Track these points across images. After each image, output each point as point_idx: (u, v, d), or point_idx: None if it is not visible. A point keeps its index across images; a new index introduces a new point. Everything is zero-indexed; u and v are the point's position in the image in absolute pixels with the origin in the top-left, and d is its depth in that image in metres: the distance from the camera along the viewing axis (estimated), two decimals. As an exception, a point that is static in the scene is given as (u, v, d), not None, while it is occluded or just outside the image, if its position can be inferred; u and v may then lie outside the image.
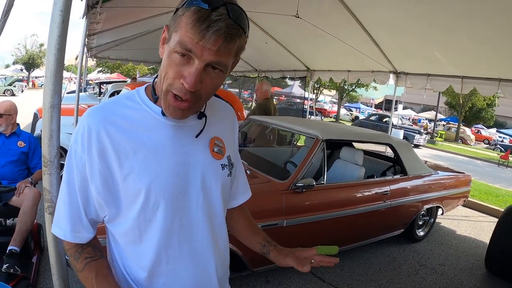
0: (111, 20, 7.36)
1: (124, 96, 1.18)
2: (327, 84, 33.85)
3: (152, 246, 1.13)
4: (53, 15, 1.69)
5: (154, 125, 1.12)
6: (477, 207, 8.27)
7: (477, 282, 4.61)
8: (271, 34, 9.34)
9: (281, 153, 5.82)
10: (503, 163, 19.31)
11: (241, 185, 1.50)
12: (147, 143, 1.09)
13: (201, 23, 0.92)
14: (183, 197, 1.13)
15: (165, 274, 1.17)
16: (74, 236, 1.14)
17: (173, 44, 0.97)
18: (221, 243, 1.29)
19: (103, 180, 1.08)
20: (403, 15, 5.96)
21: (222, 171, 1.23)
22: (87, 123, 1.07)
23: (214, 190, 1.21)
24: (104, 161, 1.07)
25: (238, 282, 3.85)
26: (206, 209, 1.19)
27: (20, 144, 3.88)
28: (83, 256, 1.16)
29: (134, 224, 1.12)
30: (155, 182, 1.08)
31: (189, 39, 0.94)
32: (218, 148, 1.23)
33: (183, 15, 0.95)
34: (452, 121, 38.40)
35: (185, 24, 0.94)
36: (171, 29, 1.00)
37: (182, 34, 0.95)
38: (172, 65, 0.99)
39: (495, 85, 6.45)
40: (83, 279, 1.15)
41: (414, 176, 5.13)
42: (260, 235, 1.51)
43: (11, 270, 3.01)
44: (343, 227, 4.25)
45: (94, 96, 13.44)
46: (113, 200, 1.11)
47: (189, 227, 1.16)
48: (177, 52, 0.97)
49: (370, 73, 8.86)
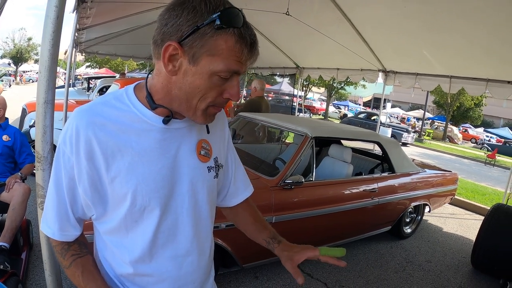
0: (101, 14, 7.31)
1: (112, 96, 1.15)
2: (316, 82, 33.88)
3: (137, 245, 1.15)
4: (48, 10, 1.68)
5: (142, 128, 1.10)
6: (464, 205, 8.35)
7: (463, 278, 4.67)
8: (261, 31, 9.31)
9: (270, 150, 5.83)
10: (490, 162, 19.50)
11: (241, 182, 1.51)
12: (134, 146, 1.08)
13: (245, 44, 0.97)
14: (169, 200, 1.14)
15: (147, 273, 1.19)
16: (62, 234, 1.15)
17: (218, 69, 0.98)
18: (206, 246, 1.29)
19: (91, 182, 1.08)
20: (393, 14, 6.00)
21: (208, 174, 1.23)
22: (75, 124, 1.05)
23: (201, 194, 1.21)
24: (92, 164, 1.06)
25: (227, 278, 3.86)
26: (192, 212, 1.19)
27: (5, 138, 3.84)
28: (69, 253, 1.17)
29: (121, 223, 1.13)
30: (141, 185, 1.08)
31: (237, 63, 0.98)
32: (205, 151, 1.22)
33: (219, 37, 0.95)
34: (439, 120, 38.67)
35: (227, 48, 0.96)
36: (199, 51, 0.97)
37: (227, 57, 0.97)
38: (214, 87, 1.02)
39: (483, 85, 6.53)
40: (70, 276, 1.17)
41: (402, 174, 5.17)
42: (266, 232, 1.49)
43: (1, 267, 2.99)
44: (331, 223, 4.28)
45: (82, 91, 13.35)
46: (101, 200, 1.11)
47: (174, 229, 1.17)
48: (220, 75, 1.00)
49: (359, 71, 8.90)
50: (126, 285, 1.22)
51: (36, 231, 4.15)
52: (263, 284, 3.91)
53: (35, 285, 3.34)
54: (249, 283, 3.88)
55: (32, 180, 2.41)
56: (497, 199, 9.02)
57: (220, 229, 3.11)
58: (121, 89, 1.17)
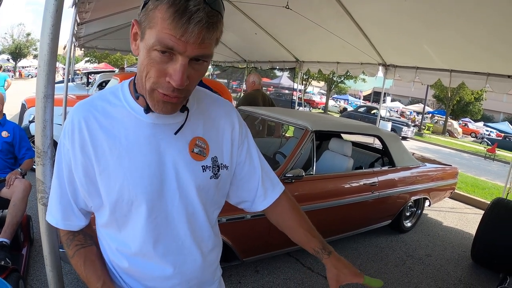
0: (100, 9, 7.30)
1: (109, 90, 1.17)
2: (316, 76, 33.81)
3: (130, 240, 1.16)
4: (47, 4, 1.68)
5: (132, 123, 1.10)
6: (464, 199, 8.37)
7: (463, 272, 4.68)
8: (261, 25, 9.30)
9: (270, 143, 5.84)
10: (490, 156, 19.49)
11: (268, 183, 1.40)
12: (123, 141, 1.09)
13: (180, 17, 0.86)
14: (158, 196, 1.12)
15: (141, 269, 1.19)
16: (65, 223, 1.19)
17: (151, 42, 0.91)
18: (204, 245, 1.25)
19: (85, 173, 1.10)
20: (394, 9, 5.99)
21: (202, 173, 1.18)
22: (72, 117, 1.10)
23: (190, 191, 1.17)
24: (86, 155, 1.09)
25: (228, 272, 3.87)
26: (183, 209, 1.17)
27: (4, 134, 3.84)
28: (74, 244, 1.21)
29: (112, 217, 1.15)
30: (128, 180, 1.08)
31: (169, 36, 0.88)
32: (199, 149, 1.18)
33: (156, 8, 0.88)
34: (439, 114, 38.62)
35: (161, 19, 0.88)
36: (144, 25, 0.93)
37: (159, 30, 0.89)
38: (153, 64, 0.94)
39: (483, 79, 6.53)
40: (74, 266, 1.21)
41: (402, 167, 5.17)
42: (315, 240, 1.39)
43: (2, 262, 2.99)
44: (332, 217, 4.28)
45: (82, 86, 13.31)
46: (96, 191, 1.12)
47: (165, 226, 1.16)
48: (156, 50, 0.91)
49: (359, 65, 8.88)
50: (123, 278, 1.24)
51: (36, 227, 4.15)
52: (264, 278, 3.92)
53: (36, 281, 3.35)
54: (249, 277, 3.89)
55: (32, 175, 2.40)
56: (497, 193, 9.03)
57: (220, 223, 3.11)
58: (119, 84, 1.18)
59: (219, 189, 1.26)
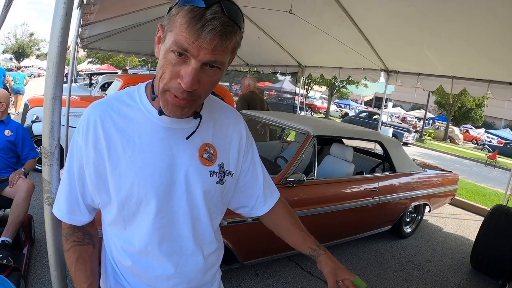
0: (104, 11, 7.33)
1: (126, 91, 1.21)
2: (318, 80, 33.83)
3: (135, 239, 1.19)
4: (57, 7, 1.69)
5: (147, 125, 1.14)
6: (464, 205, 8.37)
7: (462, 279, 4.68)
8: (264, 29, 9.33)
9: (272, 148, 5.86)
10: (491, 163, 19.49)
11: (267, 189, 1.48)
12: (136, 141, 1.12)
13: (196, 22, 0.91)
14: (166, 197, 1.15)
15: (144, 268, 1.22)
16: (69, 217, 1.23)
17: (169, 44, 0.97)
18: (205, 248, 1.29)
19: (96, 170, 1.14)
20: (396, 15, 6.00)
21: (209, 178, 1.22)
22: (88, 115, 1.14)
23: (197, 195, 1.20)
24: (98, 152, 1.12)
25: (228, 275, 3.88)
26: (188, 212, 1.20)
27: (7, 133, 3.86)
28: (72, 239, 1.26)
29: (119, 215, 1.18)
30: (139, 180, 1.11)
31: (185, 39, 0.93)
32: (208, 154, 1.22)
33: (177, 14, 0.95)
34: (441, 120, 38.58)
35: (179, 24, 0.94)
36: (166, 29, 0.99)
37: (177, 33, 0.94)
38: (168, 65, 0.99)
39: (485, 86, 6.53)
40: (66, 259, 1.27)
41: (403, 173, 5.18)
42: (310, 239, 1.49)
43: (4, 261, 3.02)
44: (332, 222, 4.29)
45: (84, 87, 13.34)
46: (105, 188, 1.15)
47: (170, 227, 1.19)
48: (173, 51, 0.96)
49: (361, 71, 8.90)
50: (125, 276, 1.27)
51: (38, 227, 4.17)
52: (264, 281, 3.93)
53: (36, 280, 3.37)
54: (249, 280, 3.90)
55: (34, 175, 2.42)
56: (497, 200, 9.04)
57: (221, 226, 3.12)
58: (135, 86, 1.22)
59: (223, 195, 1.30)
